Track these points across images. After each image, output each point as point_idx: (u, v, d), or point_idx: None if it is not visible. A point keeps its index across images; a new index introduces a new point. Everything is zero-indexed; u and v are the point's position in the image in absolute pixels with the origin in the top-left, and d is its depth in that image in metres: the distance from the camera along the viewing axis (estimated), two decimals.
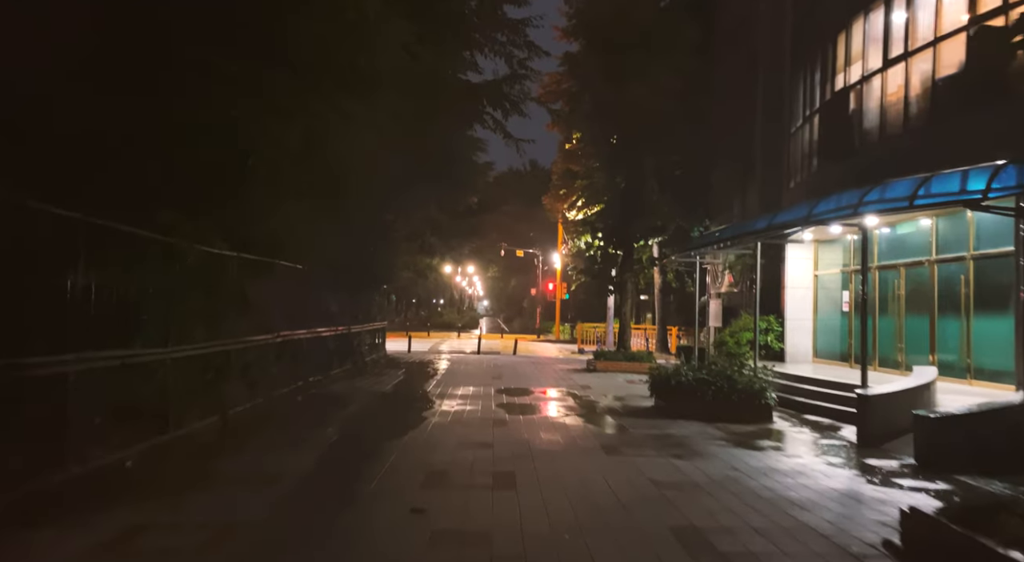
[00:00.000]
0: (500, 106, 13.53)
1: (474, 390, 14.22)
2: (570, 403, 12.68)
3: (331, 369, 16.15)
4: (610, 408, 12.12)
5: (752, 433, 9.94)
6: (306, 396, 12.80)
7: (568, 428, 9.99)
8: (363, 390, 14.04)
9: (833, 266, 17.33)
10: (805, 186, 16.44)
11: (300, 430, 9.43)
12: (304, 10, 8.50)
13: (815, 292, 17.85)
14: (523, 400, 12.95)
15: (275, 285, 12.51)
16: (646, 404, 12.53)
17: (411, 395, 13.48)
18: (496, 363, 21.40)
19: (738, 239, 14.40)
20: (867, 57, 13.53)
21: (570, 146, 31.51)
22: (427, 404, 12.10)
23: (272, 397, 11.58)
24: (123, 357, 7.07)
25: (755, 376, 11.10)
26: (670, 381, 11.28)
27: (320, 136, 10.19)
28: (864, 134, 13.68)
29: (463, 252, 31.06)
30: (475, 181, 21.73)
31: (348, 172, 11.75)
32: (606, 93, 19.66)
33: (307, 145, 10.22)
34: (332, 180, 11.74)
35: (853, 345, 15.67)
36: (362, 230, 18.16)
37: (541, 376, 17.65)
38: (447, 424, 10.00)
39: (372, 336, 22.16)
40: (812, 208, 11.35)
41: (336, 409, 11.43)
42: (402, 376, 17.06)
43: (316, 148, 10.48)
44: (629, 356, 19.10)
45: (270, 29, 7.97)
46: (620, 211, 20.18)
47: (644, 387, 15.39)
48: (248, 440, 8.54)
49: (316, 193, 11.81)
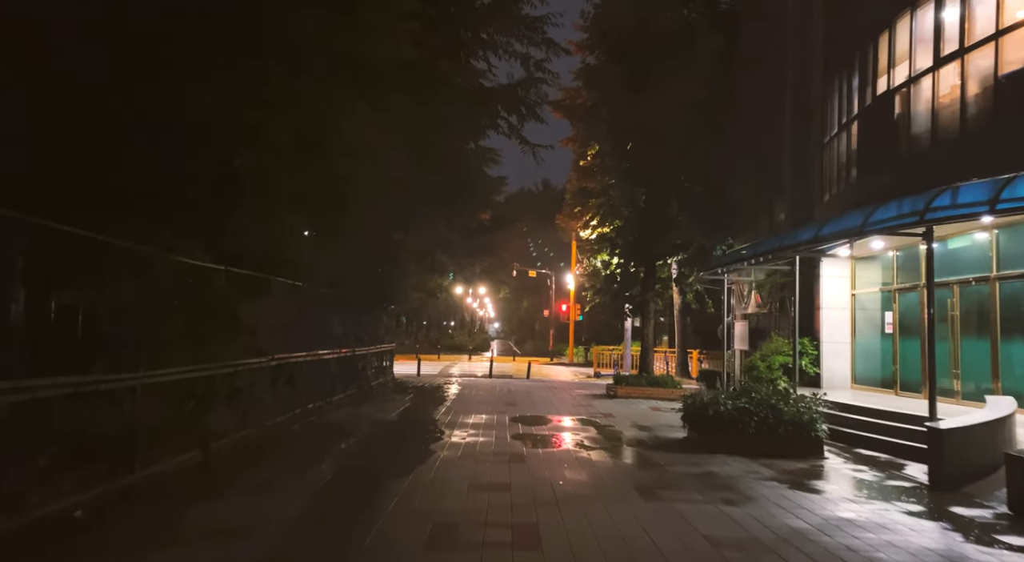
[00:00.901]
0: (516, 111, 12.53)
1: (487, 418, 13.05)
2: (593, 434, 11.49)
3: (334, 394, 15.04)
4: (638, 440, 10.92)
5: (805, 472, 8.71)
6: (304, 425, 11.69)
7: (595, 465, 8.81)
8: (367, 418, 12.91)
9: (871, 285, 16.11)
10: (842, 198, 15.29)
11: (291, 467, 8.30)
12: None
13: (852, 313, 16.61)
14: (541, 430, 11.77)
15: (271, 303, 11.46)
16: (677, 436, 11.32)
17: (418, 424, 12.33)
18: (509, 388, 20.22)
19: (779, 252, 13.23)
20: (915, 57, 12.46)
21: (585, 163, 30.56)
22: (435, 435, 10.95)
23: (265, 427, 10.47)
24: (76, 384, 5.99)
25: (803, 406, 9.88)
26: (707, 411, 10.09)
27: (315, 135, 9.19)
28: (912, 139, 12.56)
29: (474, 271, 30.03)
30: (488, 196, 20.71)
31: (350, 180, 10.74)
32: (626, 105, 18.67)
33: (302, 146, 9.22)
34: (333, 188, 10.74)
35: (898, 371, 14.41)
36: (368, 247, 17.17)
37: (558, 403, 16.45)
38: (457, 460, 8.84)
39: (379, 359, 21.06)
40: (868, 216, 10.20)
41: (335, 440, 10.30)
42: (409, 402, 15.92)
43: (312, 150, 9.48)
44: (652, 381, 17.87)
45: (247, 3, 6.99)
46: (641, 227, 19.08)
47: (672, 416, 14.20)
48: (230, 480, 7.42)
49: (315, 203, 10.81)
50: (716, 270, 18.18)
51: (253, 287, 10.68)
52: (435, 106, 11.34)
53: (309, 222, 11.18)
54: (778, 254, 13.40)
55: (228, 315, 9.63)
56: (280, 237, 10.89)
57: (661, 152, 19.35)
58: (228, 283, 9.68)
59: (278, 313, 11.83)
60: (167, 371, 7.59)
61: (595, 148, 27.25)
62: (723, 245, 25.94)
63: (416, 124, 11.62)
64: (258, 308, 10.85)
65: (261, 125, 8.27)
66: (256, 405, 10.43)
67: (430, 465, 8.43)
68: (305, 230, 11.54)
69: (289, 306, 12.43)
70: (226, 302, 9.61)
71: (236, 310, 9.88)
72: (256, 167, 8.75)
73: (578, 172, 33.15)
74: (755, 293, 21.30)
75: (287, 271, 12.38)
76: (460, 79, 12.05)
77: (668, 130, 18.82)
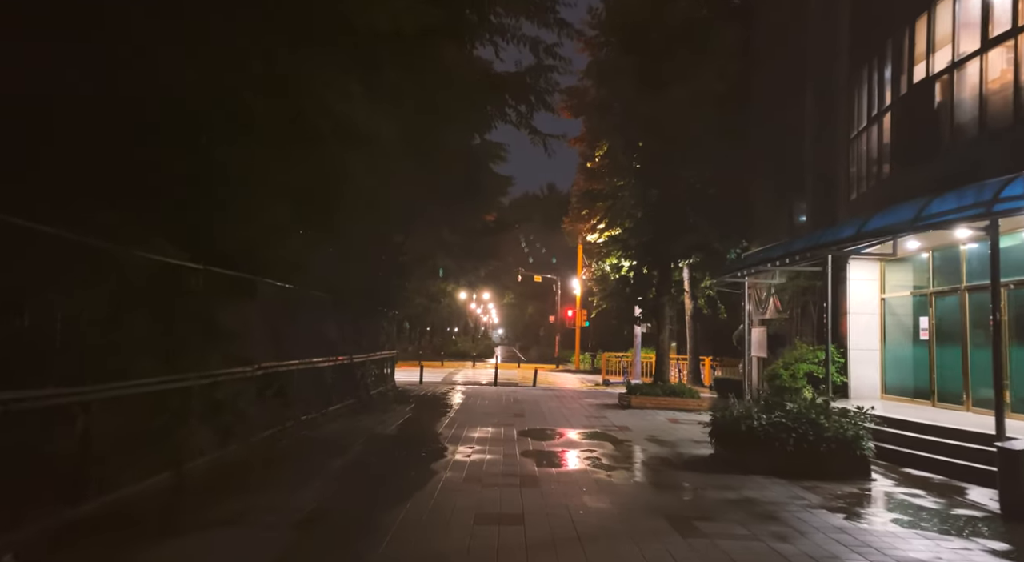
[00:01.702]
0: (525, 100, 11.57)
1: (493, 432, 12.06)
2: (610, 450, 10.48)
3: (330, 405, 14.07)
4: (662, 458, 9.91)
5: (856, 497, 7.70)
6: (294, 440, 10.71)
7: (618, 489, 7.80)
8: (363, 431, 11.92)
9: (902, 288, 15.10)
10: (873, 196, 14.29)
11: (272, 492, 7.31)
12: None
13: (882, 318, 15.59)
14: (553, 446, 10.77)
15: (259, 308, 10.51)
16: (703, 452, 10.31)
17: (419, 438, 11.35)
18: (515, 397, 19.21)
19: (815, 250, 12.19)
20: (958, 40, 11.48)
21: (592, 164, 29.62)
22: (437, 451, 9.96)
23: (250, 443, 9.50)
24: (3, 402, 5.01)
25: (847, 421, 8.86)
26: (739, 426, 9.07)
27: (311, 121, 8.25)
28: (957, 129, 11.56)
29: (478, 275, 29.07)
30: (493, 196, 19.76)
31: (345, 173, 9.79)
32: (640, 99, 17.72)
33: (294, 133, 8.28)
34: (326, 182, 9.78)
35: (936, 380, 13.38)
36: (366, 249, 16.24)
37: (569, 414, 15.44)
38: (461, 483, 7.85)
39: (379, 366, 20.09)
40: (922, 209, 9.20)
41: (326, 458, 9.31)
42: (410, 413, 14.93)
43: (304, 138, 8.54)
44: (668, 390, 16.84)
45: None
46: (655, 228, 18.09)
47: (693, 429, 13.20)
48: (199, 509, 6.44)
49: (307, 199, 9.86)
50: (736, 273, 17.19)
51: (238, 290, 9.73)
52: (437, 92, 10.39)
53: (301, 220, 10.23)
54: (814, 253, 12.39)
55: (207, 320, 8.68)
56: (269, 235, 9.95)
57: (675, 149, 18.40)
58: (208, 285, 8.73)
59: (266, 318, 10.88)
60: (125, 384, 6.61)
61: (603, 148, 26.29)
62: (737, 248, 24.96)
63: (416, 112, 10.67)
64: (243, 312, 9.90)
65: (255, 109, 7.35)
66: (240, 419, 9.47)
67: (430, 490, 7.44)
68: (297, 229, 10.59)
69: (279, 311, 11.47)
70: (206, 306, 8.66)
71: (217, 314, 8.92)
72: (242, 156, 7.81)
73: (585, 174, 32.19)
74: (774, 298, 20.27)
75: (278, 273, 11.43)
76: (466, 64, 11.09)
77: (684, 126, 17.87)
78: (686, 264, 25.14)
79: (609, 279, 28.63)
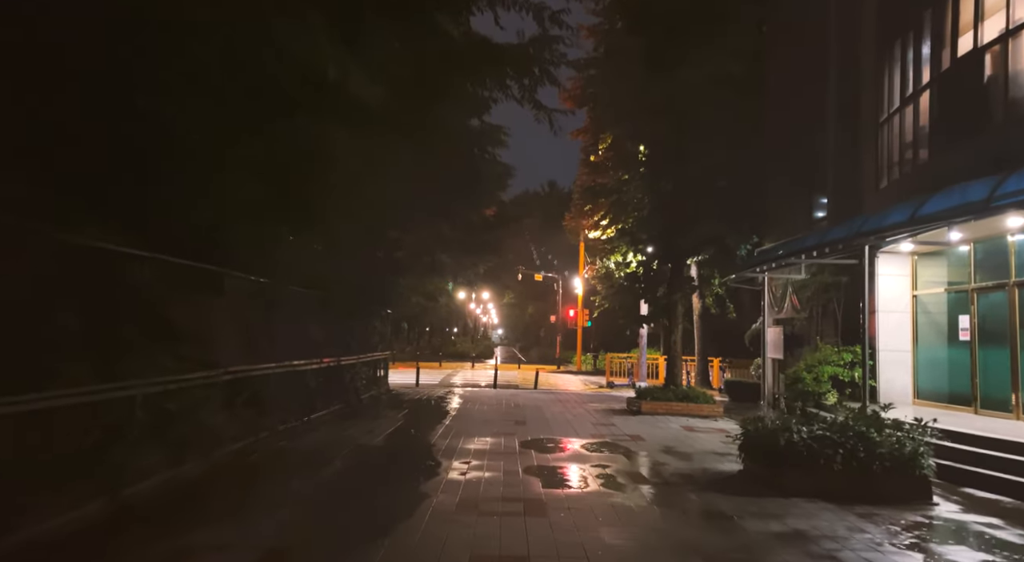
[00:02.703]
0: (528, 73, 10.35)
1: (492, 442, 10.84)
2: (625, 466, 9.25)
3: (313, 412, 12.85)
4: (684, 475, 8.67)
5: (924, 529, 6.48)
6: (267, 453, 9.48)
7: (640, 518, 6.58)
8: (347, 442, 10.69)
9: (935, 284, 13.90)
10: (910, 182, 13.07)
11: (226, 524, 6.07)
12: None
13: (914, 317, 14.39)
14: (559, 461, 9.54)
15: (228, 304, 9.29)
16: (730, 468, 9.10)
17: (409, 451, 10.13)
18: (516, 401, 17.99)
19: (853, 240, 10.93)
20: (1013, 5, 10.28)
21: (596, 158, 28.47)
22: (428, 468, 8.73)
23: (213, 459, 8.27)
24: None
25: (904, 434, 7.64)
26: (776, 440, 7.84)
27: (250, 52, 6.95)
28: (1011, 104, 10.34)
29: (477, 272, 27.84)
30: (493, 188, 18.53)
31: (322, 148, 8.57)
32: (651, 82, 16.48)
33: (238, 69, 6.99)
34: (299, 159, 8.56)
35: (978, 385, 12.17)
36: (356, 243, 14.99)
37: (574, 420, 14.21)
38: (454, 510, 6.62)
39: (372, 368, 18.87)
40: (996, 187, 7.98)
41: (300, 476, 8.09)
42: (402, 420, 13.70)
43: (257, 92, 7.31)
44: (681, 395, 15.59)
45: None
46: (667, 219, 16.87)
47: (711, 438, 11.98)
48: (126, 549, 5.22)
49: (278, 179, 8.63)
50: (756, 268, 15.98)
51: (200, 283, 8.51)
52: (430, 62, 9.18)
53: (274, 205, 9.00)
54: (851, 243, 11.15)
55: (159, 318, 7.46)
56: (237, 223, 8.72)
57: (687, 135, 17.16)
58: (162, 277, 7.52)
59: (238, 316, 9.66)
60: (40, 396, 5.38)
61: (607, 140, 25.14)
62: (747, 244, 23.72)
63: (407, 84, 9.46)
64: (207, 310, 8.68)
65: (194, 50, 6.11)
66: (201, 431, 8.23)
67: (417, 521, 6.21)
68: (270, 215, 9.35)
69: (254, 308, 10.26)
70: (156, 301, 7.45)
71: (172, 312, 7.71)
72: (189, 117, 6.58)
73: (588, 168, 31.07)
74: (792, 295, 19.05)
75: (257, 267, 10.22)
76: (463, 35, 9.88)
77: (696, 111, 16.65)
78: (694, 261, 23.93)
79: (614, 277, 27.43)
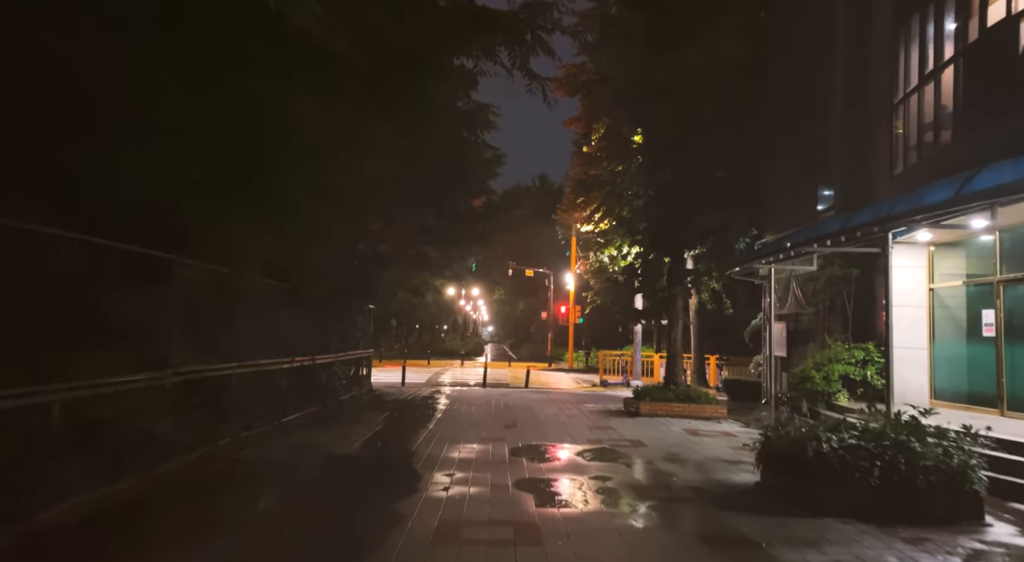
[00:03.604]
0: (519, 40, 9.30)
1: (479, 449, 9.81)
2: (628, 477, 8.23)
3: (284, 415, 11.77)
4: (696, 489, 7.65)
5: (984, 558, 5.49)
6: (223, 465, 8.38)
7: (652, 547, 5.55)
8: (319, 450, 9.62)
9: (954, 277, 12.98)
10: (928, 165, 12.12)
11: (154, 556, 5.00)
12: None
13: (931, 311, 13.45)
14: (555, 472, 8.50)
15: (179, 296, 8.20)
16: (744, 479, 8.10)
17: (386, 460, 9.08)
18: (506, 401, 16.96)
19: (886, 222, 9.88)
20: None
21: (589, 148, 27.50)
22: (406, 481, 7.68)
23: (154, 474, 7.18)
24: None
25: (950, 444, 6.65)
26: (803, 449, 6.83)
27: None
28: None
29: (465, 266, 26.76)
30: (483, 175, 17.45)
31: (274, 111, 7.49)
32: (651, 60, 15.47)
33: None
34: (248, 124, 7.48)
35: (1005, 384, 11.23)
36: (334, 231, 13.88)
37: (568, 423, 13.19)
38: (431, 541, 5.57)
39: (353, 367, 17.79)
40: None
41: (255, 493, 7.03)
42: (383, 423, 12.64)
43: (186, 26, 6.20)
44: (683, 395, 14.59)
45: None
46: (666, 209, 15.87)
47: (719, 444, 10.98)
48: None
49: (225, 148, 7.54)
50: (762, 259, 15.02)
51: (142, 271, 7.42)
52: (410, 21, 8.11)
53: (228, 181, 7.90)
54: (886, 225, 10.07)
55: (88, 310, 6.37)
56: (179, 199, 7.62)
57: (687, 121, 16.17)
58: (87, 262, 6.43)
59: (190, 310, 8.56)
60: None
61: (601, 129, 24.19)
62: (746, 237, 22.75)
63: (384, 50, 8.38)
64: (151, 302, 7.60)
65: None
66: (142, 441, 7.15)
67: (386, 553, 5.16)
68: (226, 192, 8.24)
69: (210, 301, 9.16)
70: (88, 291, 6.37)
71: (106, 303, 6.62)
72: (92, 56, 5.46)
73: (581, 159, 30.07)
74: (796, 289, 18.09)
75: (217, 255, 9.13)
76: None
77: (698, 93, 15.66)
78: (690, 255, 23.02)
79: (608, 271, 26.46)
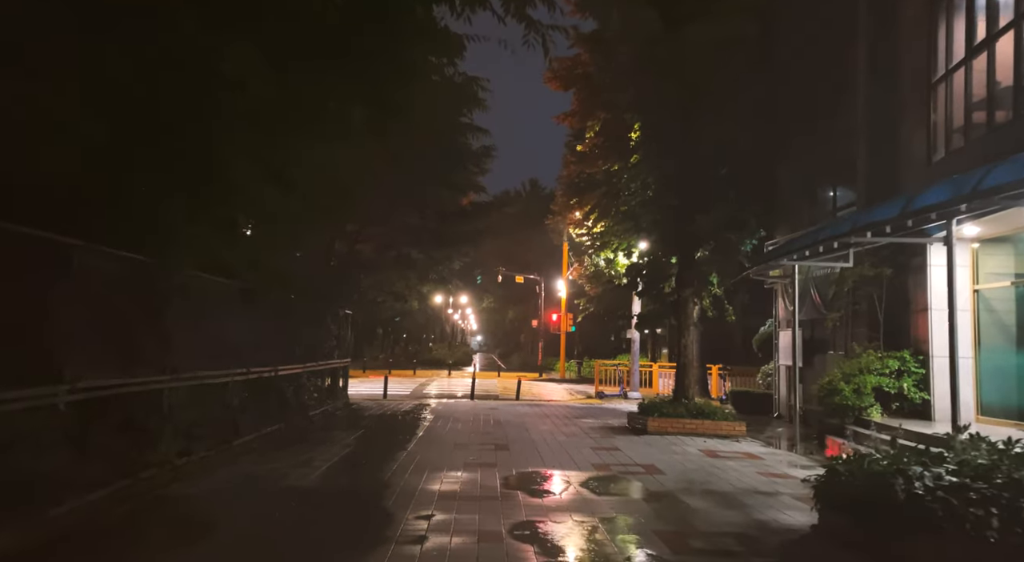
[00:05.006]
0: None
1: (466, 479, 8.11)
2: (650, 519, 6.53)
3: (237, 436, 9.99)
4: (738, 536, 5.96)
5: None
6: (138, 506, 6.60)
7: None
8: (268, 481, 7.87)
9: (1003, 278, 11.49)
10: (977, 149, 10.59)
11: None
12: None
13: (975, 316, 11.91)
14: (557, 511, 6.79)
15: (81, 292, 6.48)
16: (795, 520, 6.44)
17: (350, 497, 7.35)
18: (496, 416, 15.25)
19: (970, 200, 8.07)
20: None
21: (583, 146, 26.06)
22: (373, 529, 5.96)
23: (42, 521, 5.43)
24: None
25: None
26: (889, 488, 5.18)
27: None
28: None
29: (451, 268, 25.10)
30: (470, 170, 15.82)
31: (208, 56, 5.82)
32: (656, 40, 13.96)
33: None
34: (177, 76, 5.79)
35: None
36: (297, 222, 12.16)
37: (568, 443, 11.49)
38: None
39: (328, 379, 16.07)
40: None
41: (164, 549, 5.28)
42: (353, 445, 10.90)
43: None
44: (696, 411, 12.92)
45: None
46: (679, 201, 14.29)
47: (746, 469, 9.27)
48: None
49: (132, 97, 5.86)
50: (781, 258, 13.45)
51: (26, 257, 5.71)
52: None
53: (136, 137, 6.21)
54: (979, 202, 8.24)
55: None
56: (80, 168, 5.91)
57: (696, 103, 14.66)
58: None
59: (99, 309, 6.83)
60: None
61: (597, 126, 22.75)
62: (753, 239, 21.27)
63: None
64: (37, 297, 5.87)
65: None
66: (20, 481, 5.41)
67: None
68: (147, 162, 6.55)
69: (129, 299, 7.42)
70: None
71: None
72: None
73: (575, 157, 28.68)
74: (814, 293, 16.53)
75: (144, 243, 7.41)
76: None
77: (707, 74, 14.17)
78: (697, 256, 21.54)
79: (605, 275, 24.91)
